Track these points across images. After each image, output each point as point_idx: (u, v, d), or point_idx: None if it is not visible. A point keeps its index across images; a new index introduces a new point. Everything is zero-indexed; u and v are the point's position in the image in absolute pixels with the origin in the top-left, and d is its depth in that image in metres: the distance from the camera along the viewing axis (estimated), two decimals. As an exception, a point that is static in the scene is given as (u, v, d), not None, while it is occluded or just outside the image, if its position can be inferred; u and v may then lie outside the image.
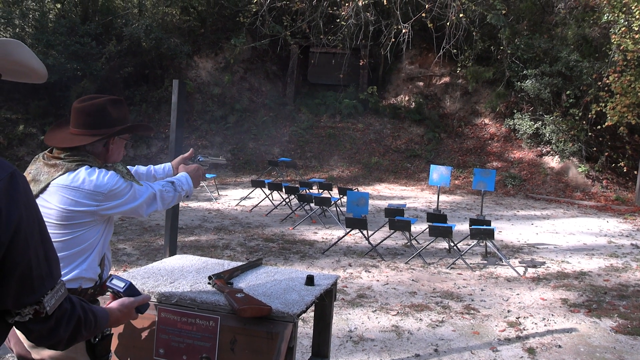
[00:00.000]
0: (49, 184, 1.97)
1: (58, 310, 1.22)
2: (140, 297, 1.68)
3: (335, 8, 15.77)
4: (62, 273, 1.90)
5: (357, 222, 7.35)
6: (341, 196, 9.73)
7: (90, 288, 2.00)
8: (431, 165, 9.85)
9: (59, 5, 16.42)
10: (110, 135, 2.09)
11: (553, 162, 14.55)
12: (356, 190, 10.74)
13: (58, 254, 1.90)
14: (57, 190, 1.96)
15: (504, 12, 14.24)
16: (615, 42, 12.24)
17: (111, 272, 2.50)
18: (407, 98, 17.37)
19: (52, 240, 1.90)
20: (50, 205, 1.95)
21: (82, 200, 1.96)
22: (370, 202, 9.77)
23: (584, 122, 14.04)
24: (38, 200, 1.95)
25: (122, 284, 1.69)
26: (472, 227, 6.94)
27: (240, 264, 2.94)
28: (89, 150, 2.08)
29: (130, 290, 1.69)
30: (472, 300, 5.62)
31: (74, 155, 2.04)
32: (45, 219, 1.88)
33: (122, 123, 2.12)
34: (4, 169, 1.14)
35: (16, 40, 1.24)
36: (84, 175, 1.99)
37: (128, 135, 2.21)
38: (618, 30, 12.10)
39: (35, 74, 1.30)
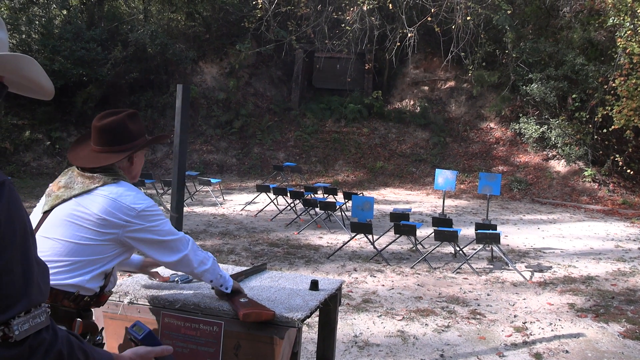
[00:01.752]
0: (85, 192, 2.00)
1: (33, 339, 1.06)
2: (158, 348, 1.50)
3: (340, 13, 15.79)
4: (64, 276, 1.89)
5: (362, 227, 7.33)
6: (346, 201, 9.71)
7: (87, 296, 1.98)
8: (436, 169, 9.82)
9: (64, 12, 16.53)
10: (136, 150, 2.14)
11: (559, 166, 14.49)
12: (361, 194, 10.71)
13: (69, 257, 1.91)
14: (92, 196, 1.99)
15: (509, 12, 14.20)
16: (621, 46, 12.19)
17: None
18: (412, 102, 17.35)
19: (69, 239, 1.93)
20: (81, 208, 1.97)
21: (114, 211, 1.97)
22: (376, 206, 9.74)
23: (590, 126, 13.98)
24: (69, 203, 1.98)
25: (141, 332, 1.56)
26: (478, 231, 6.91)
27: (244, 268, 2.93)
28: (121, 164, 2.13)
29: (149, 339, 1.56)
30: (478, 305, 5.59)
31: (108, 171, 2.07)
32: (71, 220, 1.94)
33: (141, 135, 2.17)
34: None
35: (28, 56, 1.22)
36: (122, 189, 2.02)
37: (150, 145, 2.26)
38: (624, 34, 12.06)
39: (42, 90, 1.29)
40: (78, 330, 1.90)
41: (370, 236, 7.53)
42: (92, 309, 2.07)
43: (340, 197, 10.65)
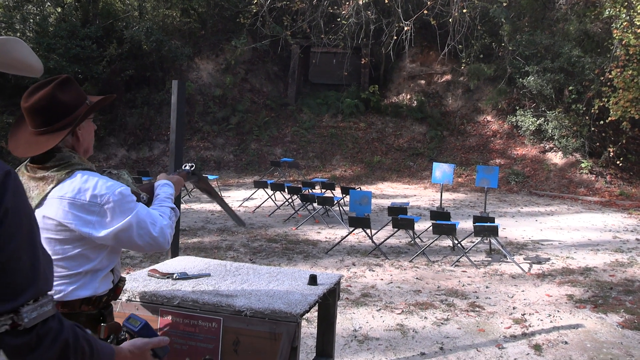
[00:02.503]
0: (43, 198, 1.78)
1: (41, 327, 1.08)
2: (155, 339, 1.51)
3: (335, 7, 15.75)
4: (76, 292, 1.79)
5: (360, 221, 7.33)
6: (344, 195, 9.71)
7: (104, 295, 1.92)
8: (434, 163, 9.82)
9: (59, 9, 16.44)
10: (78, 124, 1.85)
11: (556, 158, 14.50)
12: (359, 189, 10.71)
13: (70, 270, 1.77)
14: (51, 202, 1.77)
15: (505, 4, 14.18)
16: (617, 37, 12.19)
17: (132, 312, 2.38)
18: (408, 96, 17.34)
19: (59, 256, 1.75)
20: (48, 220, 1.77)
21: (78, 213, 1.76)
22: (373, 201, 9.74)
23: (587, 118, 13.98)
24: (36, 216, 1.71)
25: (137, 324, 1.56)
26: (476, 224, 6.92)
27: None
28: (60, 146, 1.84)
29: (145, 330, 1.55)
30: (477, 298, 5.60)
31: (58, 161, 1.82)
32: (47, 236, 1.74)
33: (79, 104, 1.87)
34: (0, 167, 1.07)
35: (16, 38, 1.24)
36: (79, 183, 1.78)
37: (93, 113, 1.97)
38: (620, 25, 12.05)
39: (32, 69, 1.29)
40: (104, 334, 1.83)
41: (368, 230, 7.53)
42: (112, 303, 1.99)
43: (338, 192, 10.64)
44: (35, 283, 1.07)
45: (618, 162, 13.59)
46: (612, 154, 13.43)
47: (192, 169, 2.59)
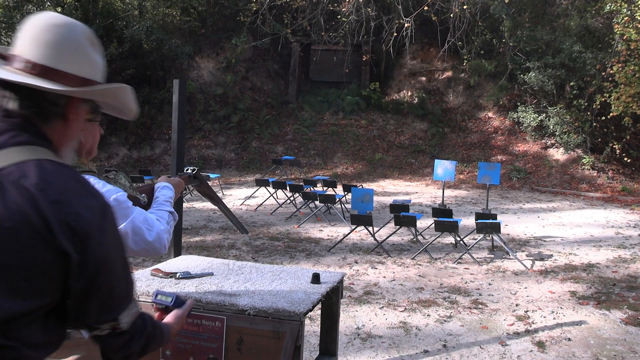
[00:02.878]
0: None
1: (132, 326, 1.31)
2: (187, 306, 1.74)
3: (335, 4, 15.72)
4: None
5: (362, 219, 7.33)
6: (346, 193, 9.70)
7: None
8: (435, 160, 9.82)
9: (59, 9, 16.43)
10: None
11: (558, 154, 14.48)
12: (360, 187, 10.71)
13: None
14: None
15: (506, 0, 14.15)
16: (618, 32, 12.16)
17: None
18: (409, 93, 17.32)
19: None
20: None
21: None
22: (375, 198, 9.73)
23: (588, 113, 13.96)
24: None
25: (169, 299, 1.74)
26: (478, 221, 6.91)
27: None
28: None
29: (178, 301, 1.74)
30: (480, 295, 5.59)
31: None
32: None
33: None
34: (97, 198, 1.20)
35: (129, 86, 1.41)
36: None
37: (99, 116, 1.99)
38: (621, 20, 12.02)
39: (130, 113, 1.47)
40: None
41: (370, 228, 7.52)
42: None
43: (339, 189, 10.64)
44: (128, 295, 1.30)
45: (626, 159, 13.53)
46: (618, 150, 13.37)
47: (193, 172, 2.57)
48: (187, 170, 2.57)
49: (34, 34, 1.24)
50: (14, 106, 1.21)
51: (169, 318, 1.67)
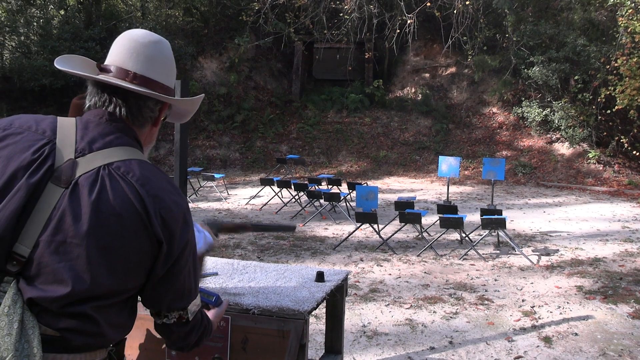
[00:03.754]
0: None
1: (194, 318, 1.45)
2: (225, 305, 1.91)
3: (338, 2, 15.70)
4: None
5: (367, 217, 7.32)
6: (350, 191, 9.70)
7: None
8: (440, 156, 9.80)
9: (62, 12, 16.50)
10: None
11: (563, 148, 14.42)
12: (365, 184, 10.70)
13: None
14: None
15: None
16: (622, 25, 12.08)
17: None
18: (413, 90, 17.28)
19: None
20: None
21: None
22: (380, 195, 9.73)
23: (593, 107, 13.89)
24: None
25: (212, 298, 1.91)
26: (484, 217, 6.90)
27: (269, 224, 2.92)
28: None
29: (218, 301, 1.92)
30: (486, 291, 5.58)
31: None
32: None
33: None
34: (182, 197, 1.37)
35: (203, 95, 1.64)
36: None
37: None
38: (625, 13, 11.94)
39: (188, 118, 1.63)
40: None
41: (375, 226, 7.52)
42: None
43: (344, 187, 10.63)
44: (195, 289, 1.43)
45: (626, 151, 13.47)
46: (626, 144, 13.27)
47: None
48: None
49: (135, 48, 1.42)
50: (120, 111, 1.38)
51: (212, 315, 1.77)
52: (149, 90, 1.38)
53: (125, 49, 1.43)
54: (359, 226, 7.85)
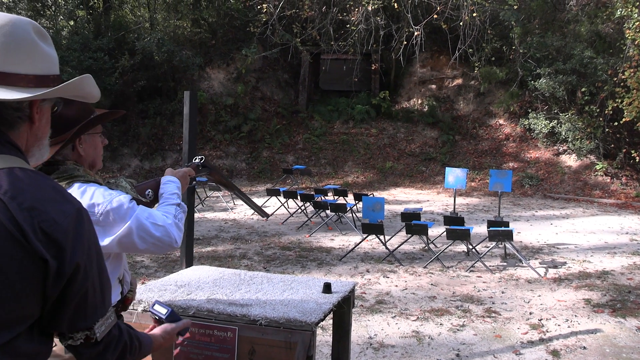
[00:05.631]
0: None
1: (107, 336, 1.28)
2: (181, 323, 1.74)
3: (345, 14, 15.78)
4: None
5: (373, 228, 7.31)
6: (357, 202, 9.69)
7: (113, 306, 1.91)
8: (446, 167, 9.79)
9: (71, 22, 16.66)
10: (74, 138, 1.84)
11: (570, 160, 14.38)
12: (371, 195, 10.69)
13: None
14: None
15: (515, 6, 14.11)
16: (629, 37, 12.08)
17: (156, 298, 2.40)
18: (419, 101, 17.31)
19: None
20: None
21: None
22: (386, 207, 9.71)
23: (601, 119, 13.85)
24: None
25: (164, 311, 1.73)
26: (490, 228, 6.87)
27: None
28: (67, 157, 1.85)
29: (172, 316, 1.74)
30: (493, 303, 5.55)
31: (61, 173, 1.83)
32: None
33: (83, 119, 1.85)
34: (72, 204, 1.18)
35: (89, 75, 1.33)
36: (76, 195, 1.75)
37: (100, 127, 1.96)
38: (632, 25, 11.94)
39: (94, 97, 1.38)
40: None
41: (381, 237, 7.50)
42: (122, 314, 2.02)
43: (350, 198, 10.63)
44: (103, 305, 1.27)
45: (634, 163, 13.39)
46: (636, 157, 13.19)
47: (201, 161, 2.55)
48: (195, 159, 2.53)
49: None
50: None
51: (156, 330, 1.66)
52: (3, 88, 1.14)
53: None
54: (365, 237, 7.83)
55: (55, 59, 1.26)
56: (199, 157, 2.57)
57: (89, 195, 1.80)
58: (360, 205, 9.32)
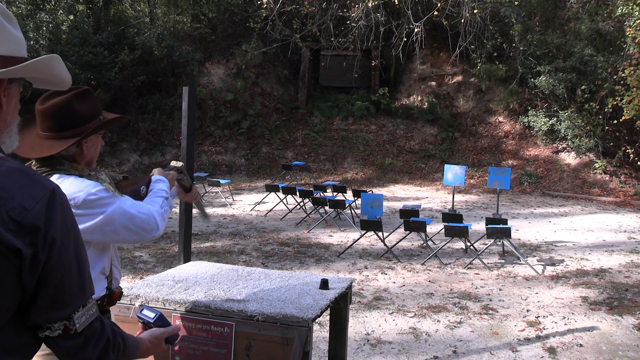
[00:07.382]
0: None
1: (88, 329, 1.22)
2: (170, 328, 1.68)
3: (345, 10, 15.76)
4: None
5: (372, 224, 7.32)
6: (355, 198, 9.70)
7: (98, 300, 1.91)
8: (445, 165, 9.78)
9: (71, 17, 16.62)
10: (85, 136, 1.88)
11: (569, 158, 14.38)
12: (370, 192, 10.70)
13: None
14: None
15: (516, 2, 14.09)
16: (630, 35, 12.07)
17: (142, 303, 2.40)
18: (419, 98, 17.29)
19: None
20: None
21: None
22: (385, 203, 9.72)
23: (600, 117, 13.86)
24: None
25: (152, 315, 1.68)
26: (489, 226, 6.88)
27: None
28: (63, 154, 1.87)
29: (161, 321, 1.69)
30: (491, 300, 5.56)
31: (45, 164, 1.86)
32: None
33: (94, 117, 1.90)
34: (45, 186, 1.13)
35: (56, 55, 1.27)
36: None
37: (104, 129, 2.02)
38: (633, 23, 11.93)
39: (63, 83, 1.33)
40: None
41: (380, 233, 7.51)
42: (110, 309, 2.02)
43: (349, 195, 10.64)
44: (83, 292, 1.20)
45: (633, 162, 13.41)
46: (632, 155, 13.22)
47: (180, 166, 2.56)
48: (177, 164, 2.49)
49: None
50: None
51: (144, 334, 1.60)
52: None
53: None
54: (364, 234, 7.84)
55: (22, 41, 1.20)
56: (179, 163, 2.57)
57: (66, 185, 1.81)
58: (359, 201, 9.33)
